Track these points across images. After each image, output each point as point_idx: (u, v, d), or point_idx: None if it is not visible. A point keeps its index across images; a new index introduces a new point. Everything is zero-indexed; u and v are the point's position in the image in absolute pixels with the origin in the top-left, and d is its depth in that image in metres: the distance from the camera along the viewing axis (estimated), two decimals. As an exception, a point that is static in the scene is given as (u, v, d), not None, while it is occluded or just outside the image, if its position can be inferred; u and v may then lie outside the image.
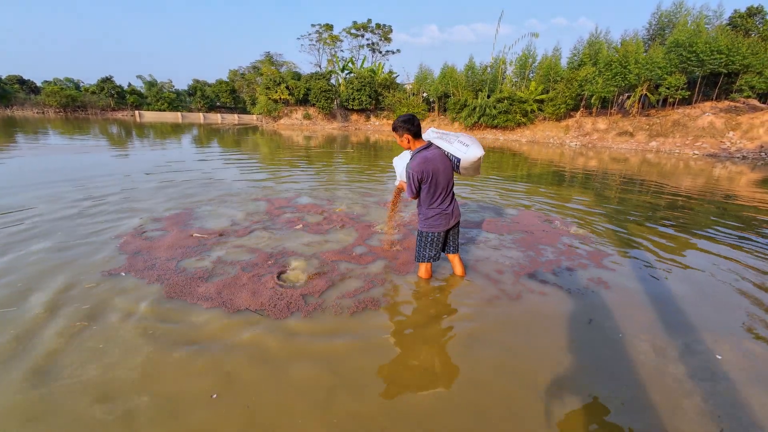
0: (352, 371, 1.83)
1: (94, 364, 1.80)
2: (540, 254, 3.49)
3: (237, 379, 1.75)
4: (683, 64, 20.85)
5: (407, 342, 2.11)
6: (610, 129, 23.39)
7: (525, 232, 4.17)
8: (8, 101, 38.33)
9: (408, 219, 4.48)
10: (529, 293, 2.72)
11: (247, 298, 2.44)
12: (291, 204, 4.94)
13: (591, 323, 2.34)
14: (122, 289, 2.50)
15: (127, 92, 44.01)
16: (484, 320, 2.35)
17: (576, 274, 3.07)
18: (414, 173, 2.45)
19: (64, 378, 1.70)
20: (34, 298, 2.34)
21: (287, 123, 36.12)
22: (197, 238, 3.46)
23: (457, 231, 2.80)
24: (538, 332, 2.23)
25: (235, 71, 48.35)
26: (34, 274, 2.66)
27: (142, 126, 25.51)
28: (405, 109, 33.28)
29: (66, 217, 3.96)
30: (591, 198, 6.40)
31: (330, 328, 2.18)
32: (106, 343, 1.96)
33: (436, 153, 2.50)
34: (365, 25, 41.76)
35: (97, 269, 2.76)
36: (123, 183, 5.85)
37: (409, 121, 2.47)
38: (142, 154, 10.22)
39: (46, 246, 3.15)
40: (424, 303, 2.54)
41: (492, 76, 29.72)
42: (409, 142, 2.51)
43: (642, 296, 2.74)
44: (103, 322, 2.14)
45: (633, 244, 3.94)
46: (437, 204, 2.57)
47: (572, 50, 27.44)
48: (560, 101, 24.71)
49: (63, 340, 1.96)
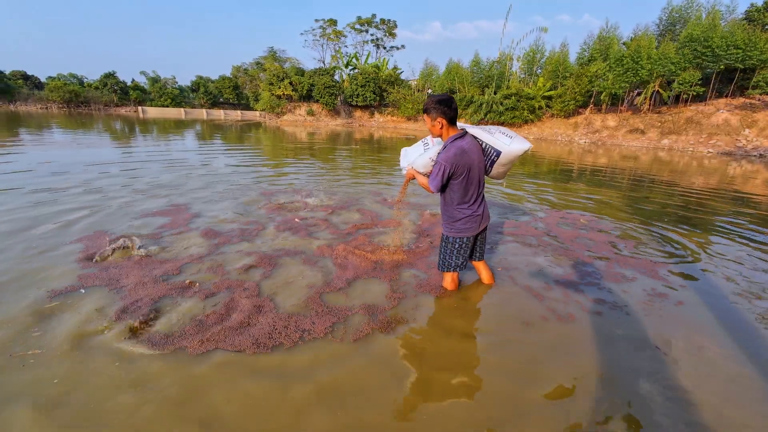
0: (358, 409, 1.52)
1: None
2: (584, 262, 3.16)
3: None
4: (697, 59, 20.29)
5: (435, 377, 1.80)
6: (621, 126, 22.90)
7: (560, 235, 3.84)
8: (12, 96, 38.20)
9: (422, 222, 4.16)
10: (582, 312, 2.37)
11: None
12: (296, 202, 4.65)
13: (658, 350, 2.02)
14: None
15: (131, 88, 43.81)
16: (531, 347, 2.03)
17: (630, 286, 2.74)
18: (446, 165, 2.07)
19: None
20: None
21: (290, 119, 35.78)
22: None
23: (485, 236, 2.48)
24: (600, 362, 1.91)
25: (238, 67, 47.95)
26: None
27: (146, 122, 25.26)
28: (409, 106, 32.85)
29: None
30: (619, 197, 6.06)
31: (335, 353, 1.87)
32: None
33: (473, 145, 2.15)
34: (369, 20, 41.21)
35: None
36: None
37: (445, 102, 2.06)
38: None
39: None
40: (453, 321, 2.22)
41: (499, 72, 29.19)
42: (443, 128, 2.13)
43: (712, 314, 2.41)
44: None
45: (681, 249, 3.61)
46: (469, 205, 2.23)
47: (582, 45, 26.93)
48: (569, 97, 24.19)
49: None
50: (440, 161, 2.10)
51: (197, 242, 3.19)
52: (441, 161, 2.10)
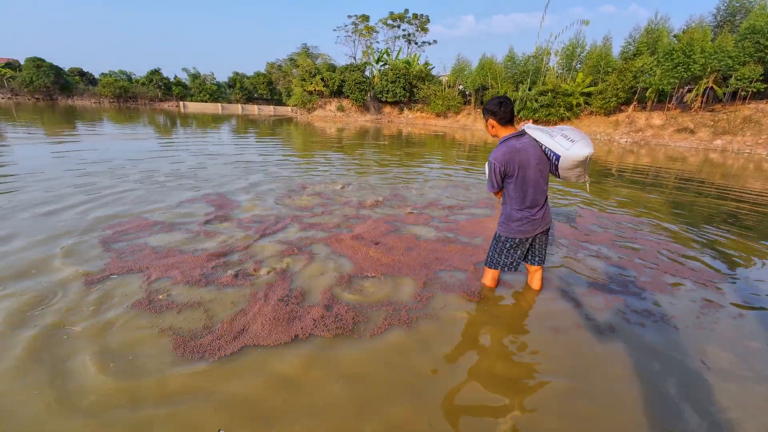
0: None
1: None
2: (627, 267, 3.03)
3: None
4: (759, 53, 18.51)
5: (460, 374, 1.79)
6: (667, 125, 21.42)
7: (600, 238, 3.69)
8: (70, 92, 41.37)
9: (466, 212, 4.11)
10: (625, 323, 2.26)
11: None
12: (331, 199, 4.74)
13: (705, 364, 1.91)
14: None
15: (173, 84, 46.24)
16: (561, 360, 1.98)
17: (679, 296, 2.60)
18: (496, 164, 2.11)
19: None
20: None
21: (321, 115, 36.35)
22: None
23: (546, 240, 2.38)
24: (636, 381, 1.83)
25: (273, 63, 49.28)
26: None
27: (186, 116, 26.61)
28: (440, 102, 32.40)
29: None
30: (664, 200, 5.70)
31: (366, 351, 1.91)
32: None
33: (528, 144, 2.11)
34: (402, 15, 40.91)
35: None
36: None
37: (494, 104, 2.13)
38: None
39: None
40: (480, 322, 2.20)
41: (534, 68, 28.11)
42: (494, 128, 2.19)
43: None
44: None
45: (735, 257, 3.36)
46: (526, 207, 2.17)
47: (627, 39, 25.37)
48: (610, 94, 22.90)
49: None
50: (490, 160, 2.14)
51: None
52: (491, 159, 2.13)
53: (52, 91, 39.49)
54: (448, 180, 6.70)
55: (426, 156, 10.48)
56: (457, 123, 31.83)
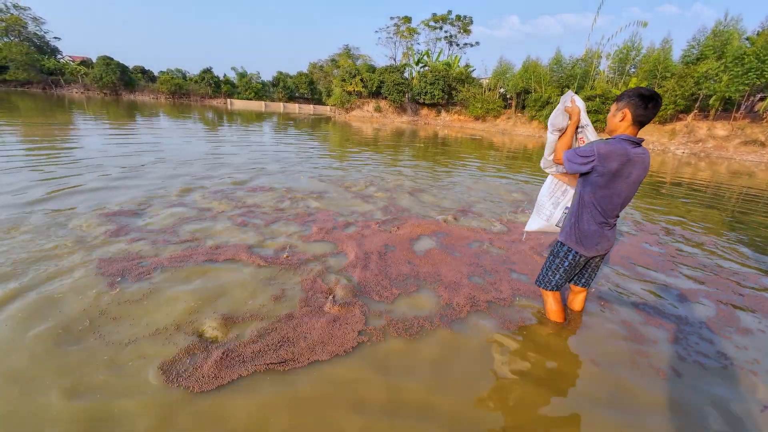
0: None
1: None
2: (686, 297, 2.81)
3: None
4: None
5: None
6: (733, 136, 19.55)
7: (654, 260, 3.46)
8: (133, 88, 45.27)
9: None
10: (676, 363, 2.10)
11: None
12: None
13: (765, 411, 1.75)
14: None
15: (222, 82, 49.01)
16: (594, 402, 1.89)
17: (753, 335, 2.40)
18: (599, 151, 1.78)
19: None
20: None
21: (358, 115, 36.89)
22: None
23: (600, 263, 2.21)
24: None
25: (315, 63, 50.75)
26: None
27: (232, 113, 28.07)
28: (479, 105, 31.70)
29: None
30: (726, 218, 5.21)
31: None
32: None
33: (644, 158, 1.84)
34: (445, 16, 40.49)
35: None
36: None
37: (642, 97, 1.75)
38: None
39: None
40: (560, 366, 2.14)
41: (583, 71, 26.76)
42: (622, 121, 1.83)
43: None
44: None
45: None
46: (603, 220, 1.93)
47: (690, 41, 23.44)
48: (668, 101, 21.26)
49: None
50: (595, 144, 1.84)
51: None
52: (596, 144, 1.83)
53: (117, 87, 43.26)
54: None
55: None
56: (496, 127, 31.00)
